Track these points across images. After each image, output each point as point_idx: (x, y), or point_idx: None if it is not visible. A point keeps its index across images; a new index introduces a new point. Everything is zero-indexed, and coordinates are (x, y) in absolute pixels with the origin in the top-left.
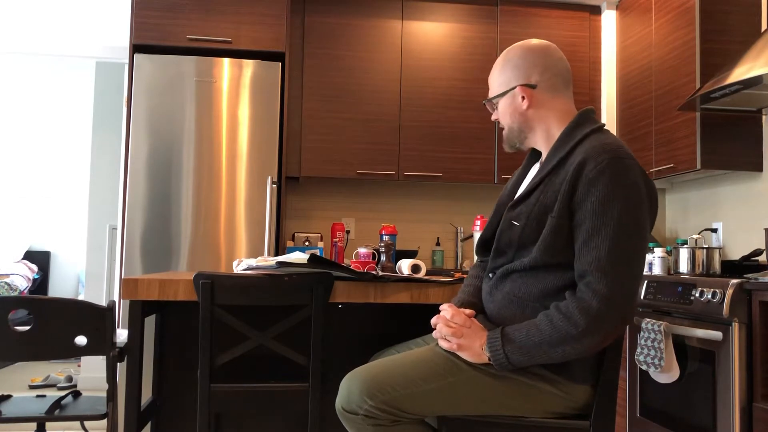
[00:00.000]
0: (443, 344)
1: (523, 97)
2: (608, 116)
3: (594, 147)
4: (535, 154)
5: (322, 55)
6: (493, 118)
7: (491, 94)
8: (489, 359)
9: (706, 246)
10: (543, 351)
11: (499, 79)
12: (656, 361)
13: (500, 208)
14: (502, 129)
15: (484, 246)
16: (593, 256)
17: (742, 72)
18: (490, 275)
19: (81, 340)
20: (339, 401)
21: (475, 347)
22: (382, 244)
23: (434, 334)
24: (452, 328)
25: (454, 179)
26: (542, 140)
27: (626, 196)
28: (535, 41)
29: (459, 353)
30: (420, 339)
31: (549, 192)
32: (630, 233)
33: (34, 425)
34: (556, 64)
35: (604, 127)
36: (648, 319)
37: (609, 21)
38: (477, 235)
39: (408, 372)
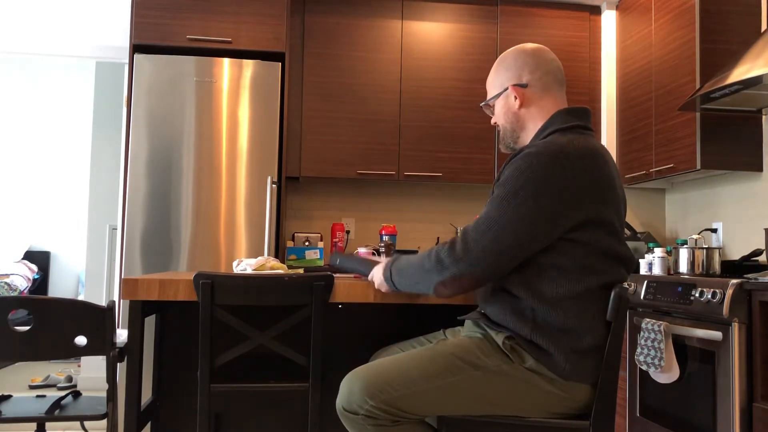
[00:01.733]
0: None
1: (515, 97)
2: (608, 116)
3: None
4: None
5: (322, 55)
6: (492, 122)
7: (488, 97)
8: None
9: (706, 246)
10: (413, 280)
11: (494, 82)
12: (656, 361)
13: None
14: (499, 131)
15: None
16: (469, 226)
17: (742, 72)
18: None
19: (81, 340)
20: (339, 401)
21: (380, 271)
22: (382, 244)
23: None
24: None
25: (454, 179)
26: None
27: (519, 187)
28: (528, 44)
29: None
30: (422, 338)
31: None
32: (503, 218)
33: (34, 425)
34: (547, 63)
35: (575, 128)
36: (648, 319)
37: (609, 21)
38: None
39: (409, 372)
